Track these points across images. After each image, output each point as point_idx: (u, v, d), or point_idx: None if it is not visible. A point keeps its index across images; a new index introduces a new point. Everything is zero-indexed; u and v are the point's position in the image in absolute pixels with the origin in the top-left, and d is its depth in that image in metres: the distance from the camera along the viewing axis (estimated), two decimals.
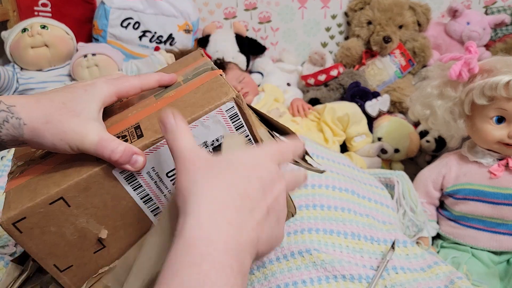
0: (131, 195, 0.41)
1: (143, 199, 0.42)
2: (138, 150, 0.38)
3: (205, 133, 0.40)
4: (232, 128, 0.41)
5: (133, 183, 0.40)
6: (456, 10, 1.35)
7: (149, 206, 0.42)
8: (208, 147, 0.41)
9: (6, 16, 1.25)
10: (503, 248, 0.78)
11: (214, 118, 0.40)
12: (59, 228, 0.39)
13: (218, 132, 0.41)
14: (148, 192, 0.41)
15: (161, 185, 0.41)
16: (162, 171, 0.41)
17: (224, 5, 1.45)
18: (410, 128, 1.12)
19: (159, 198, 0.42)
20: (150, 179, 0.41)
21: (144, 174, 0.40)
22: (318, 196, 0.69)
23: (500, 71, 0.72)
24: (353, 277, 0.58)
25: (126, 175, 0.40)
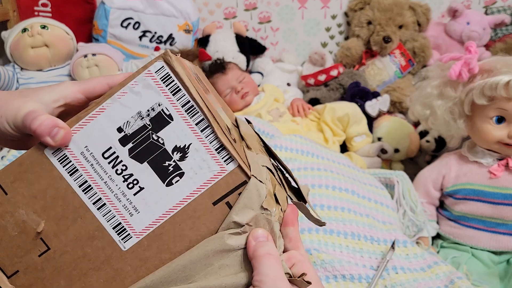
0: (68, 181, 0.37)
1: (82, 187, 0.37)
2: (62, 123, 0.36)
3: (137, 100, 0.36)
4: (168, 93, 0.35)
5: (67, 165, 0.36)
6: (456, 10, 1.35)
7: (90, 197, 0.37)
8: (144, 118, 0.36)
9: (6, 16, 1.25)
10: (503, 248, 0.78)
11: (144, 82, 0.35)
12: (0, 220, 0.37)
13: (153, 99, 0.36)
14: (86, 178, 0.37)
15: (99, 169, 0.37)
16: (97, 151, 0.36)
17: (224, 5, 1.45)
18: (410, 128, 1.12)
19: (100, 186, 0.37)
20: (85, 161, 0.36)
21: (78, 154, 0.36)
22: (318, 196, 0.69)
23: (500, 71, 0.72)
24: (353, 277, 0.58)
25: (58, 155, 0.36)
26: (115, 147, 0.36)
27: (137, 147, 0.37)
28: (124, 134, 0.36)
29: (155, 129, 0.36)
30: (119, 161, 0.37)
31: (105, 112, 0.36)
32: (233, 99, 1.21)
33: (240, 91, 1.20)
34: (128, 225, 0.38)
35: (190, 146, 0.36)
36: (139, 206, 0.38)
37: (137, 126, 0.36)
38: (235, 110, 1.22)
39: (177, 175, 0.37)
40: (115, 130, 0.36)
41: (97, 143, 0.36)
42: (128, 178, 0.37)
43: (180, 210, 0.38)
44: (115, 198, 0.38)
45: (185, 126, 0.36)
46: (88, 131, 0.36)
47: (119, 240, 0.38)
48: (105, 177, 0.37)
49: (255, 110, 1.18)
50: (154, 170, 0.37)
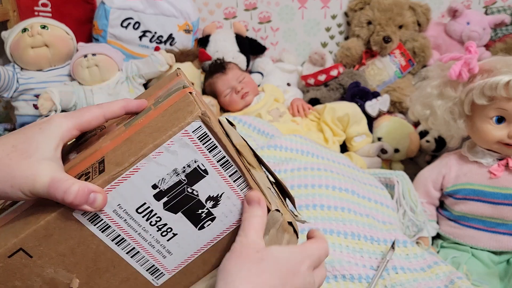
0: (100, 237, 0.37)
1: (115, 241, 0.37)
2: (96, 187, 0.34)
3: (173, 159, 0.35)
4: (204, 150, 0.36)
5: (99, 224, 0.36)
6: (456, 10, 1.35)
7: (124, 248, 0.38)
8: (180, 174, 0.36)
9: (6, 16, 1.25)
10: (503, 248, 0.78)
11: (181, 142, 0.35)
12: (24, 282, 0.36)
13: (189, 157, 0.36)
14: (119, 233, 0.37)
15: (132, 223, 0.37)
16: (131, 207, 0.36)
17: (224, 5, 1.45)
18: (410, 128, 1.12)
19: (133, 237, 0.38)
20: (118, 218, 0.36)
21: (110, 212, 0.36)
22: (318, 196, 0.69)
23: (500, 71, 0.72)
24: (353, 277, 0.59)
25: (89, 216, 0.36)
26: (149, 202, 0.36)
27: (171, 200, 0.37)
28: (159, 190, 0.36)
29: (190, 183, 0.37)
30: (153, 214, 0.37)
31: (140, 172, 0.35)
32: (233, 99, 1.21)
33: (240, 91, 1.20)
34: (161, 266, 0.40)
35: (223, 195, 0.38)
36: (172, 249, 0.39)
37: (172, 182, 0.36)
38: (235, 110, 1.22)
39: (209, 220, 0.39)
40: (150, 187, 0.36)
41: (131, 201, 0.36)
42: (162, 228, 0.38)
43: (210, 248, 0.40)
44: (148, 245, 0.39)
45: (219, 179, 0.37)
46: (121, 191, 0.35)
47: (152, 279, 0.40)
48: (139, 229, 0.38)
49: (255, 110, 1.18)
50: (188, 218, 0.38)
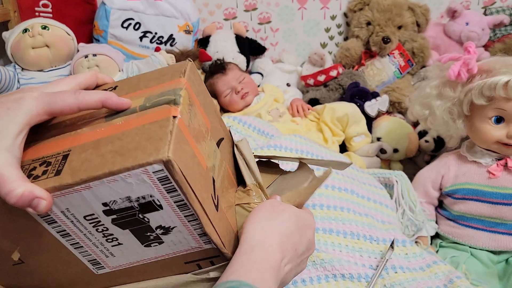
0: (45, 227, 0.37)
1: (60, 233, 0.37)
2: (42, 193, 0.33)
3: (127, 189, 0.34)
4: (162, 190, 0.34)
5: (46, 217, 0.36)
6: (455, 10, 1.36)
7: (68, 240, 0.38)
8: (132, 202, 0.35)
9: (7, 16, 1.25)
10: (502, 247, 0.78)
11: (138, 177, 0.33)
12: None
13: (145, 191, 0.34)
14: (65, 228, 0.37)
15: (79, 225, 0.37)
16: (79, 214, 0.36)
17: (224, 5, 1.45)
18: (409, 128, 1.13)
19: (78, 235, 0.37)
20: (65, 218, 0.36)
21: (58, 212, 0.35)
22: (318, 195, 0.69)
23: (499, 72, 0.72)
24: (352, 276, 0.59)
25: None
26: (98, 214, 0.36)
27: (120, 219, 0.36)
28: (109, 208, 0.35)
29: (142, 211, 0.35)
30: (100, 224, 0.36)
31: (91, 190, 0.34)
32: (233, 99, 1.21)
33: (240, 91, 1.20)
34: (103, 262, 0.40)
35: (175, 228, 0.37)
36: (115, 253, 0.39)
37: (123, 206, 0.35)
38: (235, 110, 1.22)
39: (156, 242, 0.38)
40: (100, 203, 0.35)
41: (80, 209, 0.35)
42: (108, 236, 0.38)
43: (153, 262, 0.40)
44: (93, 245, 0.39)
45: (174, 215, 0.36)
46: (70, 200, 0.34)
47: (93, 268, 0.41)
48: (85, 231, 0.37)
49: (255, 110, 1.18)
50: (135, 236, 0.38)
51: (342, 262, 0.60)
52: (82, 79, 0.41)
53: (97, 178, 0.33)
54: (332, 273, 0.59)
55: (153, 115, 0.36)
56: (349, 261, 0.61)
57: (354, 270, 0.60)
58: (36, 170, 0.35)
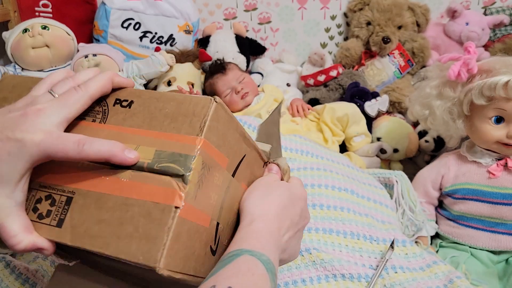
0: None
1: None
2: (45, 244, 0.34)
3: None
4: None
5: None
6: (455, 10, 1.36)
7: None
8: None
9: (7, 16, 1.25)
10: (502, 247, 0.78)
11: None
12: None
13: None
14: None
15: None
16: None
17: (224, 5, 1.45)
18: (409, 128, 1.13)
19: None
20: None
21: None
22: (318, 195, 0.69)
23: (499, 72, 0.72)
24: (352, 276, 0.59)
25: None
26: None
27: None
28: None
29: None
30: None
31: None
32: (233, 100, 1.21)
33: (240, 91, 1.20)
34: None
35: None
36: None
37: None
38: (235, 110, 1.22)
39: None
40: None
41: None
42: None
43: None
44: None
45: None
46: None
47: None
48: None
49: (255, 111, 1.18)
50: None
51: (342, 262, 0.60)
52: (97, 91, 0.37)
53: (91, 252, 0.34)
54: (332, 273, 0.59)
55: (158, 190, 0.34)
56: (349, 261, 0.61)
57: (354, 270, 0.60)
58: (42, 205, 0.35)
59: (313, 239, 0.63)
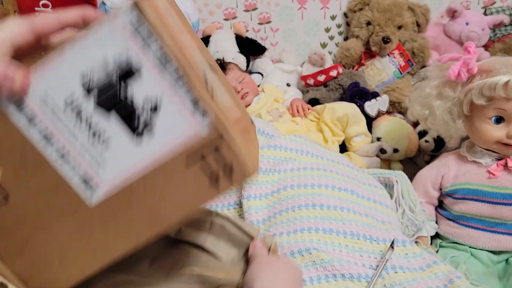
0: (25, 134, 0.34)
1: (43, 136, 0.34)
2: (16, 68, 0.32)
3: (101, 46, 0.31)
4: (138, 39, 0.31)
5: (24, 111, 0.33)
6: (455, 10, 1.36)
7: (53, 147, 0.34)
8: (109, 65, 0.32)
9: (7, 16, 1.25)
10: (502, 247, 0.78)
11: (111, 27, 0.31)
12: None
13: (120, 46, 0.31)
14: (46, 125, 0.34)
15: (62, 116, 0.33)
16: (59, 97, 0.33)
17: (224, 5, 1.45)
18: (409, 128, 1.13)
19: (63, 135, 0.34)
20: (46, 107, 0.33)
21: (36, 99, 0.33)
22: (318, 195, 0.69)
23: (499, 72, 0.72)
24: (352, 276, 0.59)
25: (15, 103, 0.33)
26: (78, 93, 0.32)
27: (102, 96, 0.33)
28: (88, 81, 0.32)
29: (123, 77, 0.32)
30: (83, 109, 0.33)
31: (67, 57, 0.32)
32: None
33: (240, 91, 1.20)
34: (94, 180, 0.35)
35: (162, 99, 0.32)
36: (107, 160, 0.34)
37: (102, 74, 0.32)
38: None
39: (147, 129, 0.33)
40: (78, 75, 0.32)
41: (59, 88, 0.32)
42: (94, 128, 0.33)
43: (153, 171, 0.34)
44: (80, 149, 0.34)
45: (157, 77, 0.32)
46: (47, 76, 0.32)
47: (85, 194, 0.36)
48: (69, 126, 0.34)
49: (255, 110, 1.18)
50: (122, 122, 0.33)
51: (342, 262, 0.60)
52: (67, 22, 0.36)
53: (70, 39, 0.32)
54: (332, 273, 0.59)
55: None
56: (349, 261, 0.61)
57: (354, 270, 0.60)
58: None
59: (313, 239, 0.63)
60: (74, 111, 0.33)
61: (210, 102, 0.33)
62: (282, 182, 0.73)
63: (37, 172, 0.35)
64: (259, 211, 0.70)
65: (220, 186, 0.35)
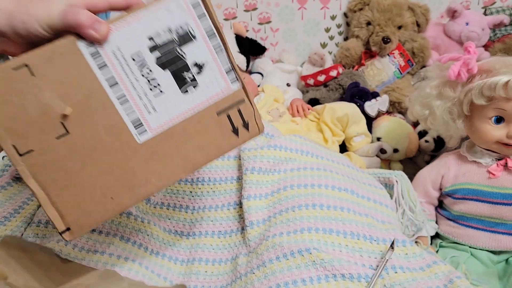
0: (96, 74, 0.40)
1: (109, 82, 0.41)
2: (102, 19, 0.40)
3: (168, 17, 0.42)
4: (195, 15, 0.42)
5: (98, 60, 0.40)
6: (455, 10, 1.36)
7: (115, 91, 0.42)
8: (172, 33, 0.42)
9: None
10: (502, 247, 0.78)
11: (177, 3, 0.42)
12: (21, 99, 0.38)
13: (182, 19, 0.42)
14: (114, 74, 0.41)
15: (126, 69, 0.41)
16: (128, 52, 0.41)
17: (224, 5, 1.45)
18: (409, 128, 1.13)
19: (125, 84, 0.42)
20: (115, 59, 0.41)
21: (109, 52, 0.40)
22: (318, 195, 0.69)
23: (499, 72, 0.72)
24: (352, 276, 0.59)
25: (91, 50, 0.40)
26: (144, 52, 0.42)
27: (162, 56, 0.42)
28: (154, 43, 0.42)
29: (180, 44, 0.43)
30: (145, 65, 0.42)
31: (140, 21, 0.41)
32: None
33: None
34: (145, 121, 0.43)
35: (206, 64, 0.44)
36: (157, 107, 0.43)
37: (165, 39, 0.42)
38: None
39: (192, 85, 0.44)
40: (146, 38, 0.41)
41: (129, 45, 0.41)
42: (151, 82, 0.43)
43: (191, 117, 0.45)
44: (137, 97, 0.43)
45: (205, 47, 0.44)
46: (122, 34, 0.41)
47: (136, 134, 0.43)
48: (131, 77, 0.42)
49: None
50: (174, 78, 0.44)
51: (342, 262, 0.60)
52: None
53: (145, 7, 0.41)
54: (332, 273, 0.59)
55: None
56: (349, 261, 0.61)
57: (354, 270, 0.60)
58: None
59: (313, 239, 0.63)
60: (138, 65, 0.42)
61: (239, 72, 0.46)
62: (282, 182, 0.73)
63: (98, 110, 0.41)
64: (259, 211, 0.70)
65: (240, 135, 0.48)
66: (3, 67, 0.37)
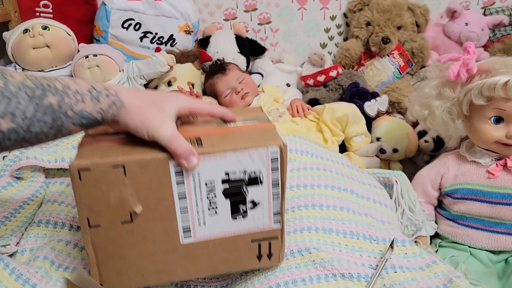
0: (173, 186, 0.48)
1: (180, 194, 0.48)
2: (196, 153, 0.46)
3: (248, 162, 0.48)
4: (269, 167, 0.49)
5: (179, 177, 0.47)
6: (454, 10, 1.36)
7: (181, 203, 0.49)
8: (245, 174, 0.49)
9: (7, 17, 1.26)
10: (501, 247, 0.78)
11: (259, 154, 0.48)
12: (109, 189, 0.46)
13: (258, 167, 0.49)
14: (186, 190, 0.48)
15: (197, 190, 0.49)
16: (203, 178, 0.48)
17: (224, 6, 1.45)
18: (408, 128, 1.13)
19: (192, 200, 0.49)
20: (192, 181, 0.48)
21: (190, 174, 0.47)
22: (318, 195, 0.69)
23: (498, 72, 0.72)
24: (352, 276, 0.59)
25: (177, 169, 0.47)
26: (217, 182, 0.49)
27: (229, 189, 0.50)
28: (227, 178, 0.49)
29: (248, 184, 0.50)
30: (213, 191, 0.49)
31: (225, 160, 0.48)
32: (233, 100, 1.22)
33: (240, 91, 1.20)
34: (193, 230, 0.51)
35: (260, 204, 0.51)
36: (208, 222, 0.51)
37: (238, 177, 0.49)
38: None
39: (242, 216, 0.52)
40: (223, 172, 0.48)
41: (207, 174, 0.48)
42: (212, 203, 0.50)
43: (229, 238, 0.52)
44: (196, 211, 0.50)
45: (266, 192, 0.51)
46: (206, 165, 0.48)
47: (182, 236, 0.51)
48: (198, 196, 0.49)
49: None
50: (231, 207, 0.51)
51: (342, 261, 0.60)
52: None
53: (233, 150, 0.48)
54: (332, 273, 0.59)
55: (257, 125, 0.54)
56: (349, 260, 0.62)
57: (354, 270, 0.60)
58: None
59: (313, 238, 0.63)
60: (207, 190, 0.49)
61: (283, 215, 0.53)
62: None
63: (163, 213, 0.49)
64: None
65: (261, 261, 0.56)
66: (107, 163, 0.45)
